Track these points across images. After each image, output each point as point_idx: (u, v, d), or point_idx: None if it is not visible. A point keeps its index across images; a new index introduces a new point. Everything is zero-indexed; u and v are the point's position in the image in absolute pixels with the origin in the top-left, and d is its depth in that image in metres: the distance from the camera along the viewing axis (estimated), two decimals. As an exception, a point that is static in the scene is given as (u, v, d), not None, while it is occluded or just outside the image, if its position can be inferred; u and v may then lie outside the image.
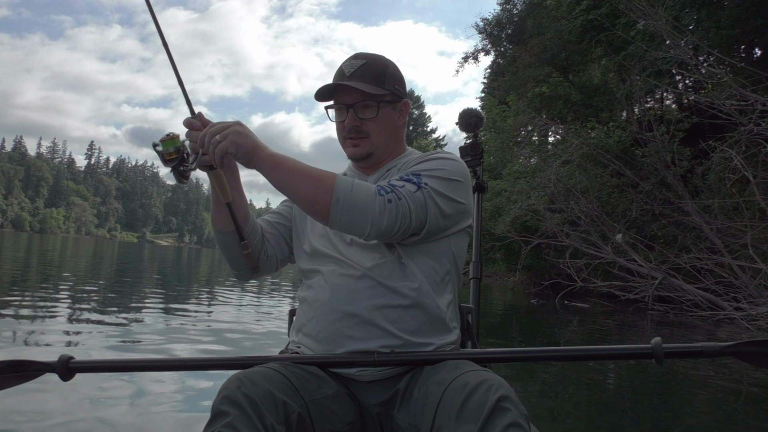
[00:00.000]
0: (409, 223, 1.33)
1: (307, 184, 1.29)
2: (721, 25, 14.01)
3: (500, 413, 1.05)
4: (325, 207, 1.29)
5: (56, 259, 19.61)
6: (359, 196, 1.29)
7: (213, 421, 1.09)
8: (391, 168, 1.56)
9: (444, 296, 1.46)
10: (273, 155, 1.31)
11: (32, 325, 5.69)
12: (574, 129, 16.40)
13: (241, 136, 1.29)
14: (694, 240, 12.66)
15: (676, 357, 1.37)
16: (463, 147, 2.26)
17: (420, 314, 1.38)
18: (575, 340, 7.88)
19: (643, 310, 12.20)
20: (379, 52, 1.57)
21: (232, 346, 5.40)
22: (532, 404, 3.74)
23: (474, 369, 1.22)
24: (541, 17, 21.87)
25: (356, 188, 1.30)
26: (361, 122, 1.50)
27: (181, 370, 1.65)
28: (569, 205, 14.42)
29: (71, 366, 1.40)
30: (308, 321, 1.44)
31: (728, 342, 1.32)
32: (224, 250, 1.60)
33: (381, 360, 1.32)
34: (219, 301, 9.51)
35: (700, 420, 3.82)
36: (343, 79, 1.48)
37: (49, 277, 11.82)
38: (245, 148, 1.29)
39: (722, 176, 11.61)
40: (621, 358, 2.03)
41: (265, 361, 1.32)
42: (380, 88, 1.48)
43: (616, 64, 16.71)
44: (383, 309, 1.36)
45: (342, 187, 1.29)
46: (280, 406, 1.14)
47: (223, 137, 1.28)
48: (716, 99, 10.80)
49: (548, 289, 15.92)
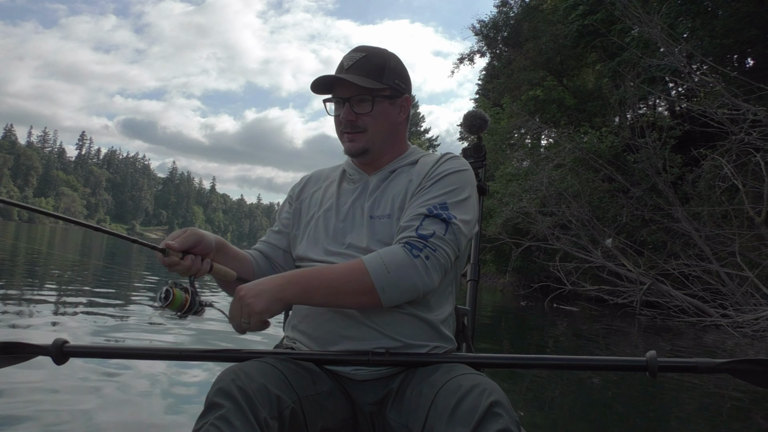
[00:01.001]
0: (450, 263, 1.35)
1: (347, 292, 1.28)
2: (715, 35, 14.13)
3: (492, 418, 1.04)
4: (375, 300, 1.27)
5: (44, 249, 19.50)
6: (398, 273, 1.26)
7: (206, 413, 1.08)
8: (396, 170, 1.53)
9: (443, 305, 1.46)
10: (298, 284, 1.28)
11: (23, 313, 5.66)
12: (567, 133, 16.48)
13: (256, 304, 1.24)
14: (683, 246, 12.76)
15: (670, 371, 1.36)
16: (466, 149, 2.26)
17: (417, 321, 1.38)
18: (564, 342, 7.93)
19: (631, 314, 12.27)
20: None
21: (226, 339, 5.38)
22: (524, 410, 3.73)
23: (468, 372, 1.22)
24: (537, 21, 21.92)
25: (390, 266, 1.26)
26: (357, 117, 1.46)
27: (176, 359, 1.64)
28: (560, 209, 14.49)
29: (65, 350, 1.38)
30: (304, 318, 1.43)
31: (723, 359, 1.33)
32: None
33: (375, 360, 1.32)
34: (213, 294, 9.47)
35: (692, 428, 3.84)
36: (342, 72, 1.46)
37: (37, 267, 11.75)
38: (271, 306, 1.25)
39: (712, 184, 11.72)
40: (615, 369, 2.04)
41: (261, 355, 1.31)
42: (377, 82, 1.44)
43: (610, 69, 16.80)
44: (380, 313, 1.35)
45: (379, 275, 1.26)
46: (274, 401, 1.14)
47: (246, 317, 1.25)
48: (708, 107, 10.91)
49: (537, 291, 15.98)
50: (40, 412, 2.85)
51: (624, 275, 13.15)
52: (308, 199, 1.64)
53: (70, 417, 2.86)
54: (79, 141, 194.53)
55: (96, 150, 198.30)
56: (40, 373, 3.37)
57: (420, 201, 1.39)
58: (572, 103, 20.35)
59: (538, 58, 20.89)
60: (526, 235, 15.83)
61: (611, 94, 16.03)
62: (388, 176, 1.53)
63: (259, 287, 1.26)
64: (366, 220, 1.46)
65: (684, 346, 8.42)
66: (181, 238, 1.32)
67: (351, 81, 1.41)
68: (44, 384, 3.29)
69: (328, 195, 1.59)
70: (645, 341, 8.81)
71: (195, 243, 1.34)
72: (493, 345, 7.01)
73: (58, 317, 5.69)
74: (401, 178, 1.50)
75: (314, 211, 1.58)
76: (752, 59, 15.95)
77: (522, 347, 6.77)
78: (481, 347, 1.56)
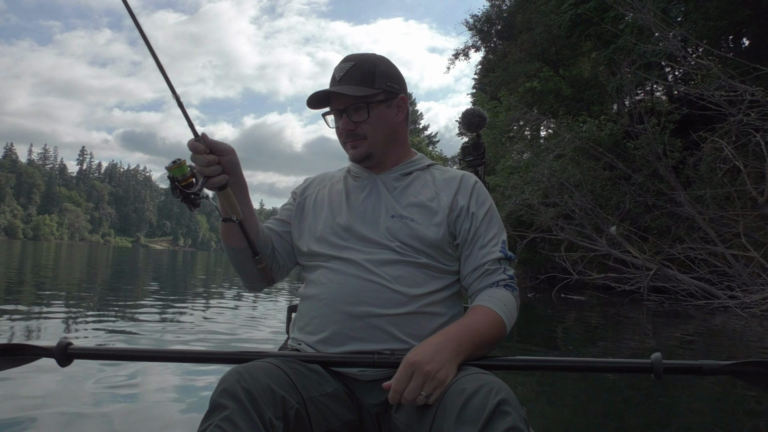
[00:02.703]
0: None
1: (495, 340, 1.38)
2: (709, 17, 14.12)
3: (500, 417, 1.04)
4: (503, 336, 1.42)
5: (50, 265, 19.56)
6: (513, 311, 1.44)
7: (211, 414, 1.09)
8: (411, 175, 1.58)
9: (452, 307, 1.48)
10: (471, 346, 1.30)
11: (29, 323, 5.70)
12: (566, 123, 16.46)
13: (441, 372, 1.20)
14: (687, 230, 12.77)
15: (675, 373, 1.36)
16: (465, 146, 2.28)
17: (426, 321, 1.40)
18: (573, 333, 7.94)
19: (638, 301, 12.28)
20: (370, 50, 1.57)
21: (230, 341, 5.40)
22: (532, 408, 3.70)
23: (474, 372, 1.22)
24: (530, 12, 21.90)
25: (511, 309, 1.44)
26: (356, 125, 1.50)
27: (180, 361, 1.61)
28: (563, 199, 14.49)
29: (69, 352, 1.37)
30: (311, 320, 1.44)
31: (728, 361, 1.32)
32: (237, 265, 1.57)
33: (381, 361, 1.32)
34: (216, 299, 9.50)
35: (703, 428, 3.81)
36: (334, 84, 1.50)
37: (45, 280, 11.81)
38: (452, 372, 1.22)
39: (713, 166, 11.73)
40: (620, 371, 2.03)
41: (265, 357, 1.31)
42: (369, 88, 1.47)
43: (605, 57, 16.79)
44: (388, 313, 1.37)
45: (509, 321, 1.42)
46: (279, 402, 1.14)
47: (433, 389, 1.18)
48: (705, 90, 10.90)
49: (544, 282, 15.98)
50: (44, 415, 2.85)
51: (630, 262, 13.16)
52: (313, 196, 1.65)
53: (74, 419, 2.86)
54: (79, 156, 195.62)
55: (97, 164, 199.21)
56: (44, 375, 3.38)
57: (490, 243, 1.51)
58: (569, 92, 20.33)
59: (533, 50, 20.89)
60: (530, 227, 15.83)
61: (608, 81, 16.02)
62: (401, 178, 1.57)
63: (439, 356, 1.22)
64: (383, 218, 1.49)
65: (692, 331, 8.43)
66: (220, 142, 1.36)
67: (343, 93, 1.45)
68: (48, 386, 3.30)
69: (335, 192, 1.61)
70: (654, 328, 8.81)
71: (226, 152, 1.36)
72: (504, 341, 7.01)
73: (62, 321, 5.70)
74: (417, 184, 1.56)
75: (320, 208, 1.60)
76: (747, 39, 15.94)
77: (531, 340, 6.77)
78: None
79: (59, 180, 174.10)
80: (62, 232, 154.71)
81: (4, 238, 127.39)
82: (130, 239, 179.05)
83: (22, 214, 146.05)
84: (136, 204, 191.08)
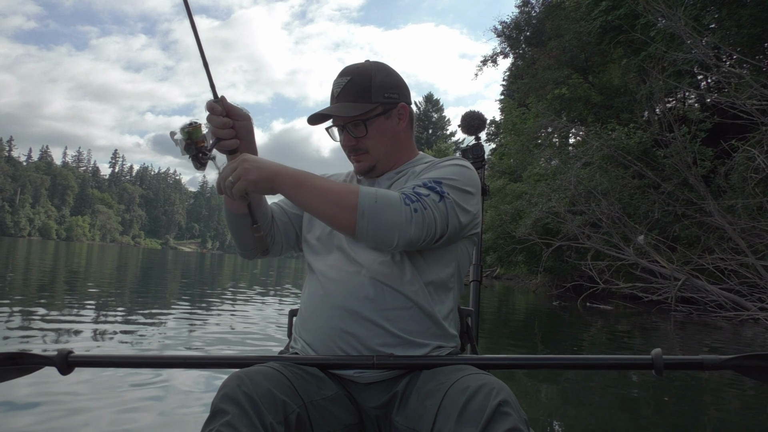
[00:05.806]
0: (435, 233, 1.34)
1: (331, 201, 1.28)
2: (743, 24, 13.89)
3: (500, 418, 1.05)
4: (350, 222, 1.28)
5: (82, 266, 19.99)
6: (384, 208, 1.28)
7: (212, 419, 1.09)
8: (402, 171, 1.57)
9: (445, 302, 1.47)
10: (293, 176, 1.30)
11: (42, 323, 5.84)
12: (595, 131, 16.33)
13: (251, 172, 1.26)
14: (717, 240, 12.56)
15: (676, 369, 1.34)
16: (465, 150, 2.23)
17: (419, 316, 1.39)
18: (598, 341, 7.88)
19: (666, 311, 12.12)
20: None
21: (232, 345, 5.41)
22: (532, 409, 3.70)
23: (474, 372, 1.23)
24: (559, 19, 21.80)
25: (380, 199, 1.29)
26: (357, 140, 1.51)
27: (180, 367, 1.52)
28: (590, 207, 14.37)
29: (70, 360, 1.38)
30: (309, 317, 1.45)
31: (729, 355, 1.31)
32: (234, 232, 1.59)
33: (380, 363, 1.32)
34: (227, 303, 9.59)
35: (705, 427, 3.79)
36: (332, 100, 1.51)
37: (76, 283, 12.09)
38: (261, 182, 1.27)
39: (745, 176, 11.52)
40: (620, 368, 2.00)
41: (266, 361, 1.32)
42: (366, 104, 1.47)
43: (635, 65, 16.62)
44: (382, 307, 1.37)
45: (366, 200, 1.28)
46: (280, 406, 1.14)
47: (236, 178, 1.26)
48: (738, 99, 10.74)
49: (570, 291, 15.84)
50: (46, 423, 2.86)
51: (658, 272, 12.99)
52: None
53: (76, 427, 2.87)
54: (112, 159, 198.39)
55: (129, 167, 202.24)
56: (45, 384, 3.38)
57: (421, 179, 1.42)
58: (599, 100, 20.18)
59: (562, 57, 20.77)
60: (556, 234, 15.73)
61: (638, 89, 15.85)
62: (394, 177, 1.57)
63: (261, 162, 1.29)
64: None
65: (722, 340, 8.30)
66: (237, 107, 1.40)
67: (338, 114, 1.47)
68: (50, 395, 3.28)
69: None
70: (682, 339, 8.70)
71: (242, 117, 1.41)
72: (527, 347, 7.00)
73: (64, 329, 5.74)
74: (403, 179, 1.54)
75: None
76: (782, 47, 15.63)
77: (555, 348, 6.75)
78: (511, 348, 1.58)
79: (92, 182, 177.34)
80: (94, 233, 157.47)
81: (39, 238, 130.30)
82: (159, 241, 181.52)
83: (56, 215, 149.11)
84: (166, 206, 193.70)
